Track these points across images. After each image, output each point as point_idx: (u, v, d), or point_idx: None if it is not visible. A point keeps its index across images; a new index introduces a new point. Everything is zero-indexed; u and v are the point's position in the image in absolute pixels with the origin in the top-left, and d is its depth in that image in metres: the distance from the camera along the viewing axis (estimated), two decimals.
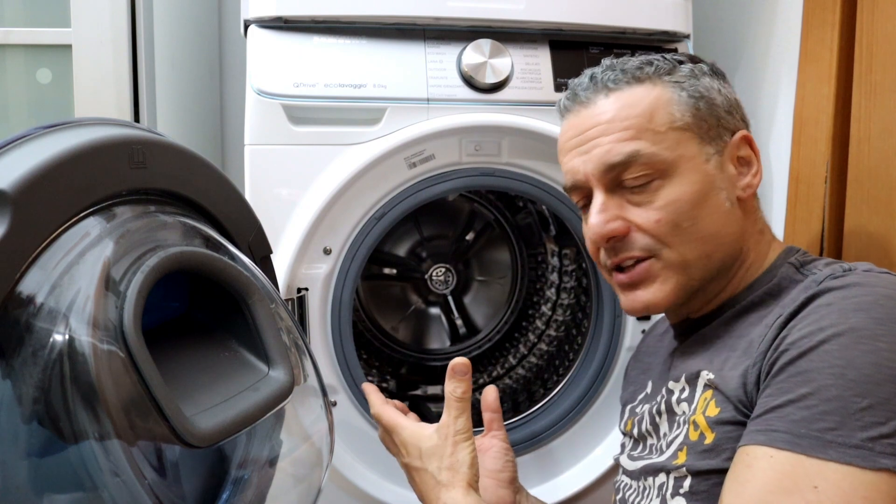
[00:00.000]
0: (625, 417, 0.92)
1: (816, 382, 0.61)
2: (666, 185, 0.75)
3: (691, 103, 0.76)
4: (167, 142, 0.68)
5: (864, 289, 0.65)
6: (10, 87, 1.25)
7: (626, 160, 0.75)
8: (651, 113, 0.76)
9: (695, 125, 0.76)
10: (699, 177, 0.75)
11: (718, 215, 0.76)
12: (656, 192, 0.75)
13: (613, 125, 0.77)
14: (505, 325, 1.45)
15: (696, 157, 0.76)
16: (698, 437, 0.71)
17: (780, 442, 0.61)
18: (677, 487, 0.72)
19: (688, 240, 0.75)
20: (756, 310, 0.75)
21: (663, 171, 0.75)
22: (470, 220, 1.43)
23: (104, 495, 0.54)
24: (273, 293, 0.73)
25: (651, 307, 0.78)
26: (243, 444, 0.69)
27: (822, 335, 0.63)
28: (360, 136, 1.05)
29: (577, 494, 1.15)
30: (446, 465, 0.80)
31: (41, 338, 0.53)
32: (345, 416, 1.09)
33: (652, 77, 0.78)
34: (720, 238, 0.76)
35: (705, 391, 0.73)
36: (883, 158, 0.90)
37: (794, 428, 0.60)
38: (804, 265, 0.75)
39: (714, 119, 0.77)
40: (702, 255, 0.76)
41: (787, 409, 0.61)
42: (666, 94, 0.77)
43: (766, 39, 1.21)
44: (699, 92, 0.77)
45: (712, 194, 0.75)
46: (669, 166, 0.75)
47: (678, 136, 0.76)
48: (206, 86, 1.62)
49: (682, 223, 0.75)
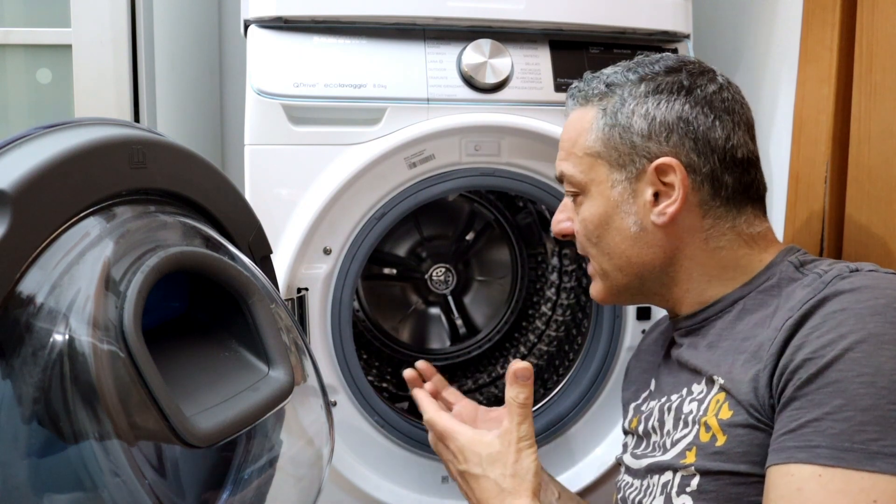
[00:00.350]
0: (629, 416, 0.92)
1: (848, 393, 0.61)
2: (584, 203, 0.84)
3: (605, 131, 0.81)
4: (167, 142, 0.68)
5: (875, 291, 0.65)
6: (10, 87, 1.25)
7: (559, 177, 0.87)
8: (576, 139, 0.84)
9: (605, 153, 0.81)
10: (602, 200, 0.82)
11: (621, 238, 0.81)
12: (580, 207, 0.85)
13: (561, 144, 0.87)
14: (505, 325, 1.45)
15: (602, 183, 0.82)
16: (710, 438, 0.71)
17: (825, 458, 0.60)
18: (683, 486, 0.72)
19: (598, 252, 0.84)
20: (758, 309, 0.75)
21: (582, 190, 0.84)
22: (470, 220, 1.43)
23: (104, 495, 0.54)
24: (273, 293, 0.73)
25: (598, 298, 0.88)
26: (243, 444, 0.69)
27: (843, 343, 0.62)
28: (360, 136, 1.05)
29: (578, 494, 1.15)
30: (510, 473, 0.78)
31: (41, 338, 0.53)
32: (345, 416, 1.09)
33: (591, 99, 0.84)
34: (627, 257, 0.82)
35: (718, 393, 0.73)
36: (883, 158, 0.90)
37: (836, 442, 0.60)
38: (804, 264, 0.75)
39: (627, 147, 0.80)
40: (614, 268, 0.83)
41: (825, 423, 0.61)
42: (590, 119, 0.83)
43: (766, 39, 1.21)
44: (616, 119, 0.80)
45: (615, 218, 0.81)
46: (584, 188, 0.83)
47: (591, 161, 0.82)
48: (206, 86, 1.62)
49: (590, 238, 0.84)
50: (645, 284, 0.83)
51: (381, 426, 1.11)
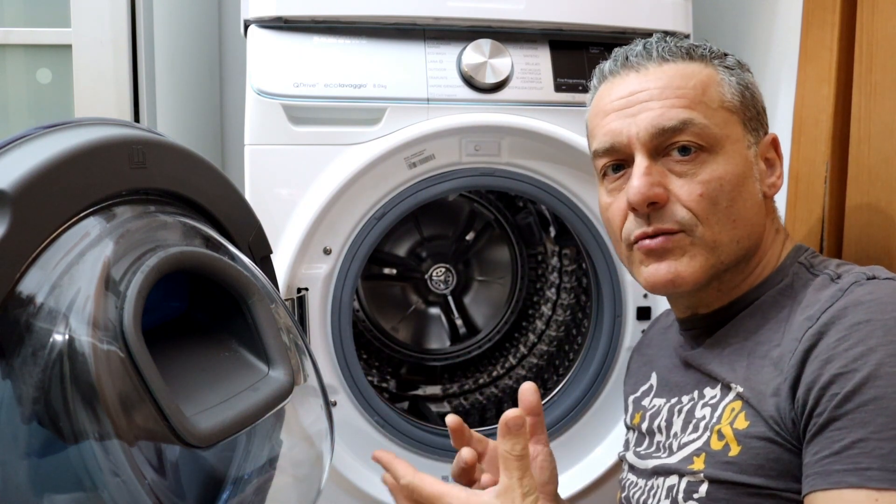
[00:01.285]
0: (630, 410, 0.91)
1: (891, 409, 0.59)
2: (710, 161, 0.74)
3: (740, 89, 0.77)
4: (167, 142, 0.68)
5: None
6: (10, 87, 1.25)
7: (679, 126, 0.74)
8: (704, 87, 0.76)
9: (742, 110, 0.77)
10: (741, 160, 0.75)
11: (752, 203, 0.76)
12: (701, 166, 0.74)
13: (667, 92, 0.76)
14: (505, 325, 1.45)
15: (740, 141, 0.76)
16: (723, 447, 0.70)
17: (878, 481, 0.58)
18: (690, 492, 0.71)
19: (722, 219, 0.74)
20: (771, 310, 0.74)
21: (711, 146, 0.75)
22: (470, 220, 1.43)
23: (104, 495, 0.54)
24: (273, 293, 0.73)
25: (677, 280, 0.75)
26: (243, 444, 0.69)
27: (875, 357, 0.61)
28: (360, 136, 1.05)
29: (578, 494, 1.15)
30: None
31: (41, 338, 0.53)
32: (345, 416, 1.09)
33: (705, 57, 0.79)
34: (749, 225, 0.76)
35: (734, 402, 0.71)
36: (883, 158, 0.90)
37: (886, 464, 0.58)
38: (814, 266, 0.75)
39: (755, 111, 0.79)
40: (732, 239, 0.75)
41: (871, 444, 0.59)
42: (717, 75, 0.77)
43: (766, 39, 1.21)
44: (745, 81, 0.78)
45: (749, 181, 0.76)
46: (717, 142, 0.75)
47: (727, 116, 0.76)
48: (206, 86, 1.62)
49: (720, 201, 0.74)
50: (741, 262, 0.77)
51: (381, 426, 1.11)
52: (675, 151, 0.75)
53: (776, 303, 0.74)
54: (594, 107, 0.83)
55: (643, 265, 0.77)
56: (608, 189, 0.81)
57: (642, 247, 0.76)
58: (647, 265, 0.77)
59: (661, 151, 0.76)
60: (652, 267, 0.76)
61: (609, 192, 0.81)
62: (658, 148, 0.75)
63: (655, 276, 0.76)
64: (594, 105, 0.83)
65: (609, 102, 0.79)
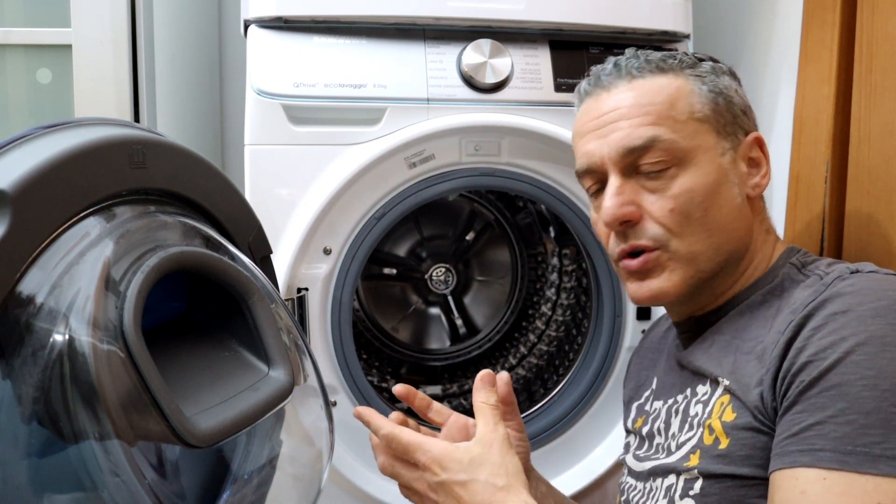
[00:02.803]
0: (632, 415, 0.92)
1: (851, 396, 0.60)
2: (681, 174, 0.76)
3: (711, 97, 0.78)
4: (167, 142, 0.68)
5: (877, 293, 0.65)
6: (10, 87, 1.25)
7: (646, 144, 0.76)
8: (672, 101, 0.77)
9: (713, 118, 0.78)
10: (713, 168, 0.76)
11: (729, 209, 0.77)
12: (672, 180, 0.76)
13: (634, 110, 0.77)
14: (505, 325, 1.45)
15: (712, 150, 0.77)
16: (713, 441, 0.71)
17: (829, 462, 0.60)
18: (687, 489, 0.72)
19: (697, 230, 0.76)
20: (759, 309, 0.75)
21: (680, 160, 0.76)
22: (470, 220, 1.43)
23: (104, 495, 0.54)
24: (273, 293, 0.73)
25: (660, 296, 0.78)
26: (243, 444, 0.69)
27: (845, 345, 0.62)
28: (360, 136, 1.05)
29: (578, 494, 1.15)
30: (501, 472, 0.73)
31: (41, 338, 0.53)
32: (345, 416, 1.09)
33: (675, 68, 0.79)
34: (729, 231, 0.77)
35: (722, 396, 0.73)
36: (883, 158, 0.90)
37: (839, 445, 0.60)
38: (805, 266, 0.75)
39: (730, 116, 0.79)
40: (710, 247, 0.76)
41: (828, 427, 0.61)
42: (688, 85, 0.78)
43: (766, 39, 1.21)
44: (718, 88, 0.79)
45: (725, 187, 0.77)
46: (686, 155, 0.76)
47: (697, 126, 0.77)
48: (206, 86, 1.62)
49: (693, 213, 0.75)
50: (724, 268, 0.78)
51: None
52: (645, 167, 0.77)
53: (765, 302, 0.75)
54: (574, 128, 0.85)
55: (628, 281, 0.80)
56: (594, 206, 0.84)
57: (624, 266, 0.79)
58: (631, 282, 0.80)
59: (633, 169, 0.77)
60: (635, 285, 0.79)
61: (595, 210, 0.83)
62: (630, 166, 0.77)
63: (638, 293, 0.79)
64: (574, 126, 0.85)
65: (584, 124, 0.82)
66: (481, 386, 0.80)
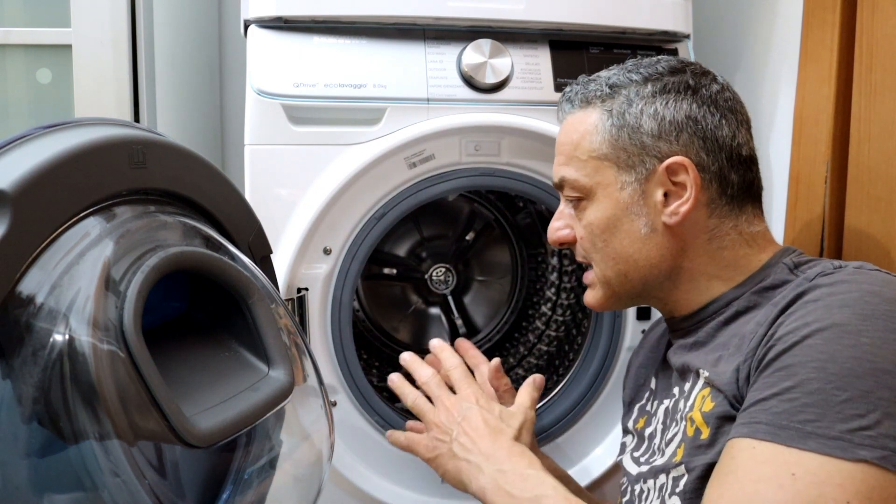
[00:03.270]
0: (634, 416, 0.92)
1: (799, 376, 0.62)
2: (588, 207, 0.83)
3: (613, 133, 0.80)
4: (167, 142, 0.68)
5: (850, 285, 0.66)
6: (10, 87, 1.25)
7: (559, 183, 0.85)
8: (578, 142, 0.83)
9: (612, 155, 0.80)
10: (611, 203, 0.81)
11: (630, 240, 0.80)
12: (583, 212, 0.83)
13: (559, 148, 0.86)
14: (505, 325, 1.45)
15: (610, 185, 0.80)
16: (694, 432, 0.72)
17: (762, 433, 0.62)
18: (674, 487, 0.73)
19: (603, 258, 0.83)
20: (749, 310, 0.76)
21: (587, 195, 0.82)
22: (470, 220, 1.43)
23: (104, 495, 0.54)
24: (273, 293, 0.73)
25: (594, 306, 0.87)
26: (243, 444, 0.69)
27: (806, 330, 0.64)
28: (360, 136, 1.05)
29: None
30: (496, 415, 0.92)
31: (41, 338, 0.53)
32: (345, 416, 1.09)
33: (593, 101, 0.83)
34: (634, 261, 0.81)
35: (703, 389, 0.74)
36: (883, 158, 0.90)
37: (775, 420, 0.62)
38: (798, 266, 0.76)
39: (636, 148, 0.79)
40: (618, 273, 0.82)
41: (771, 402, 0.63)
42: (593, 121, 0.82)
43: (766, 39, 1.21)
44: (624, 120, 0.80)
45: (625, 220, 0.80)
46: (589, 192, 0.82)
47: (597, 164, 0.81)
48: (206, 86, 1.62)
49: (596, 243, 0.83)
50: (647, 289, 0.82)
51: (381, 426, 1.11)
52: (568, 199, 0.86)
53: (754, 302, 0.76)
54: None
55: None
56: None
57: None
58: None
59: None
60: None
61: None
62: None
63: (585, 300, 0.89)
64: None
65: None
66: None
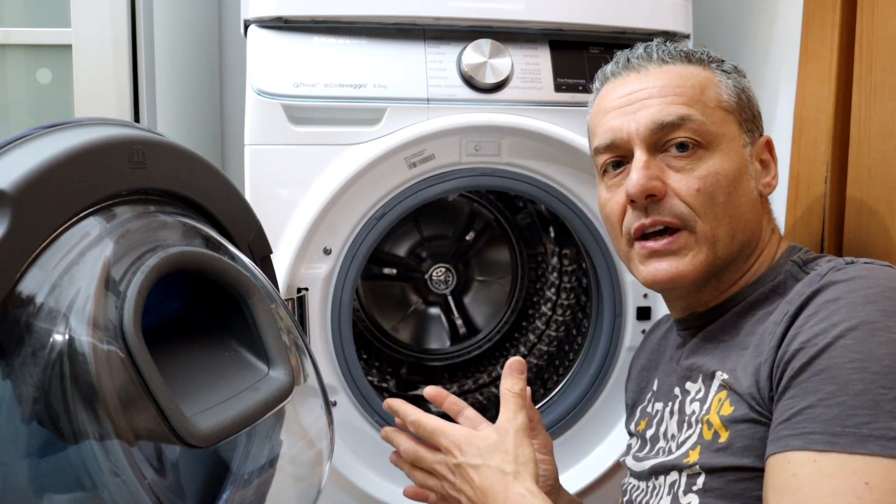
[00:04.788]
0: (636, 418, 0.92)
1: (841, 378, 0.61)
2: (707, 157, 0.77)
3: (736, 91, 0.80)
4: (167, 142, 0.68)
5: (868, 281, 0.66)
6: (10, 87, 1.25)
7: (678, 121, 0.77)
8: (702, 88, 0.79)
9: (738, 111, 0.80)
10: (737, 157, 0.78)
11: (747, 199, 0.78)
12: (698, 161, 0.77)
13: (666, 90, 0.79)
14: (505, 325, 1.45)
15: (736, 140, 0.79)
16: (712, 435, 0.71)
17: (818, 444, 0.60)
18: (690, 485, 0.72)
19: (719, 214, 0.76)
20: (762, 307, 0.76)
21: (708, 143, 0.77)
22: (470, 220, 1.43)
23: (104, 495, 0.54)
24: (273, 293, 0.73)
25: (677, 279, 0.77)
26: (243, 444, 0.69)
27: (835, 331, 0.63)
28: (359, 136, 1.05)
29: (578, 494, 1.15)
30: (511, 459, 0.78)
31: (41, 338, 0.53)
32: (345, 416, 1.09)
33: (703, 61, 0.81)
34: (745, 221, 0.78)
35: (720, 391, 0.73)
36: (883, 158, 0.90)
37: (828, 427, 0.60)
38: (807, 263, 0.76)
39: (750, 114, 0.81)
40: (728, 234, 0.77)
41: (818, 410, 0.61)
42: (715, 77, 0.80)
43: (766, 39, 1.21)
44: (741, 85, 0.81)
45: (745, 178, 0.78)
46: (714, 139, 0.77)
47: (724, 115, 0.79)
48: (206, 86, 1.62)
49: (717, 196, 0.76)
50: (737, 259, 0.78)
51: (381, 426, 1.11)
52: (673, 147, 0.77)
53: (768, 300, 0.76)
54: (596, 106, 0.85)
55: (643, 264, 0.79)
56: (608, 185, 0.83)
57: (645, 248, 0.78)
58: (646, 264, 0.79)
59: (659, 147, 0.78)
60: (653, 266, 0.78)
61: (609, 188, 0.83)
62: (657, 144, 0.78)
63: (655, 275, 0.78)
64: (596, 105, 0.85)
65: (610, 101, 0.82)
66: (509, 373, 0.84)
